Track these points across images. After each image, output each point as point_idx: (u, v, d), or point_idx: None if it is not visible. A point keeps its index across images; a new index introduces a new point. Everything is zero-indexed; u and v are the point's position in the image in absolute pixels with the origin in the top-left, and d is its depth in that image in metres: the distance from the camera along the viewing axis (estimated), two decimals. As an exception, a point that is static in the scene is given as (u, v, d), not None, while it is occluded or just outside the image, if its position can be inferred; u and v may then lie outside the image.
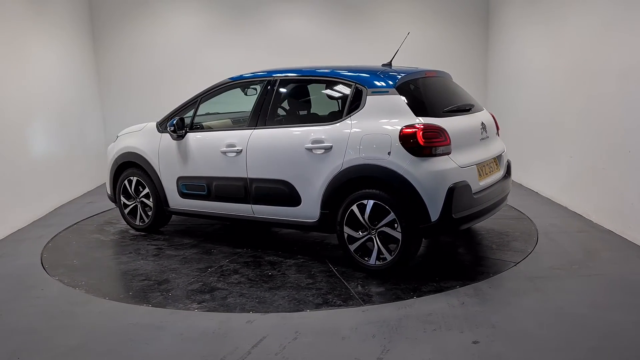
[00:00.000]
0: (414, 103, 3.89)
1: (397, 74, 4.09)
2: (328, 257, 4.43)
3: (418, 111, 3.84)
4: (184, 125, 4.81)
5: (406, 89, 3.99)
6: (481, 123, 4.27)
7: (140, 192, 5.23)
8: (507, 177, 4.51)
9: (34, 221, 5.86)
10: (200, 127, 4.92)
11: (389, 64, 4.51)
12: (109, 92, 8.28)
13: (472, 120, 4.22)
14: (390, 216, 3.81)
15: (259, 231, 5.31)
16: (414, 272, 4.02)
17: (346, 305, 3.49)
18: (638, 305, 3.36)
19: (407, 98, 3.91)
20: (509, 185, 4.56)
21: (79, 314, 3.52)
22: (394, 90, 3.94)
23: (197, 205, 4.85)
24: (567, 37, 5.63)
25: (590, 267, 4.01)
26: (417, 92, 4.09)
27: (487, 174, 4.15)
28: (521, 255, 4.30)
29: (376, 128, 3.86)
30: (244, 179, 4.46)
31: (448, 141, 3.77)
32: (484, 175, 4.09)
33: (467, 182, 3.81)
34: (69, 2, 7.33)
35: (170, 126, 4.79)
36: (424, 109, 3.90)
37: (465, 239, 4.82)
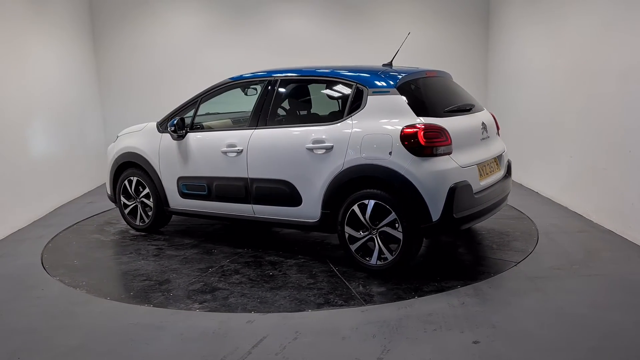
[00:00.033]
0: (414, 103, 3.90)
1: (398, 74, 4.10)
2: (329, 257, 4.43)
3: (419, 111, 3.85)
4: (185, 125, 4.81)
5: (407, 89, 3.99)
6: (482, 123, 4.28)
7: (141, 192, 5.23)
8: (507, 177, 4.52)
9: (34, 221, 5.86)
10: (201, 127, 4.92)
11: (389, 63, 4.51)
12: (109, 92, 8.28)
13: (473, 120, 4.22)
14: (392, 216, 3.81)
15: (260, 231, 5.31)
16: (415, 271, 4.02)
17: (348, 305, 3.49)
18: (638, 305, 3.36)
19: (408, 98, 3.91)
20: (509, 185, 4.56)
21: (79, 314, 3.52)
22: (394, 90, 3.94)
23: (197, 205, 4.85)
24: (568, 37, 5.63)
25: (591, 267, 4.01)
26: (418, 92, 4.09)
27: (488, 173, 4.15)
28: (521, 255, 4.30)
29: (377, 128, 3.86)
30: (244, 179, 4.46)
31: (449, 141, 3.78)
32: (485, 175, 4.09)
33: (468, 182, 3.81)
34: (69, 2, 7.32)
35: (171, 126, 4.79)
36: (424, 109, 3.90)
37: (465, 238, 4.81)
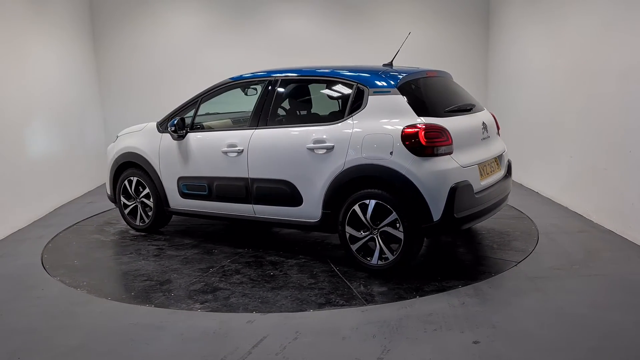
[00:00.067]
0: (415, 103, 3.90)
1: (399, 73, 4.10)
2: (329, 257, 4.43)
3: (420, 111, 3.85)
4: (185, 126, 4.80)
5: (408, 89, 3.99)
6: (482, 123, 4.28)
7: (140, 192, 5.23)
8: (507, 177, 4.52)
9: (34, 221, 5.86)
10: (201, 127, 4.92)
11: (390, 63, 4.51)
12: (109, 92, 8.28)
13: (474, 120, 4.22)
14: (393, 216, 3.81)
15: (260, 231, 5.31)
16: (416, 271, 4.02)
17: (349, 305, 3.49)
18: (638, 305, 3.36)
19: (408, 98, 3.91)
20: (509, 185, 4.56)
21: (79, 314, 3.52)
22: (395, 90, 3.94)
23: (197, 206, 4.85)
24: (568, 37, 5.63)
25: (591, 267, 4.01)
26: (419, 92, 4.09)
27: (489, 173, 4.16)
28: (522, 255, 4.30)
29: (378, 128, 3.86)
30: (245, 179, 4.46)
31: (450, 141, 3.78)
32: (485, 175, 4.09)
33: (469, 182, 3.81)
34: (69, 2, 7.32)
35: (171, 126, 4.79)
36: (425, 108, 3.90)
37: (466, 238, 4.81)
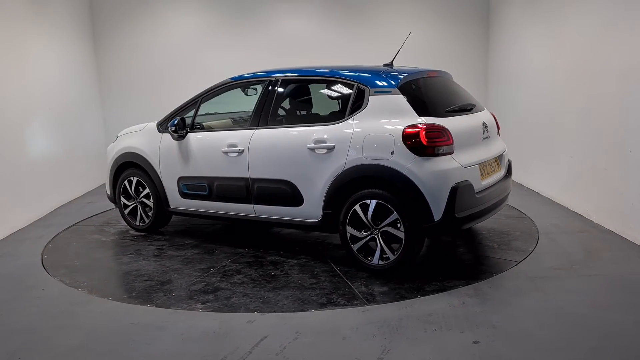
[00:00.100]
0: (416, 103, 3.90)
1: (399, 73, 4.10)
2: (330, 256, 4.43)
3: (420, 111, 3.85)
4: (185, 126, 4.80)
5: (408, 89, 3.99)
6: (483, 123, 4.28)
7: (140, 192, 5.23)
8: (508, 177, 4.52)
9: (34, 221, 5.86)
10: (201, 127, 4.92)
11: (390, 63, 4.51)
12: (110, 92, 8.28)
13: (474, 120, 4.22)
14: (393, 216, 3.81)
15: (260, 231, 5.31)
16: (417, 271, 4.02)
17: (351, 305, 3.49)
18: (638, 305, 3.36)
19: (409, 98, 3.91)
20: (509, 184, 4.56)
21: (79, 314, 3.52)
22: (396, 90, 3.94)
23: (198, 206, 4.84)
24: (568, 37, 5.63)
25: (591, 267, 4.01)
26: (419, 92, 4.09)
27: (489, 173, 4.16)
28: (522, 255, 4.30)
29: (379, 128, 3.86)
30: (245, 179, 4.46)
31: (451, 141, 3.78)
32: (486, 175, 4.09)
33: (469, 182, 3.82)
34: (69, 2, 7.32)
35: (171, 126, 4.79)
36: (426, 108, 3.90)
37: (466, 238, 4.81)
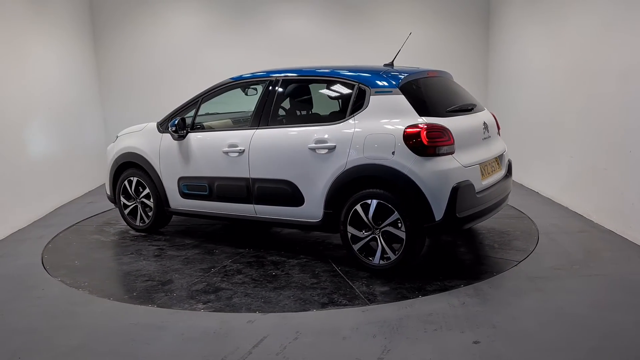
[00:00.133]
0: (417, 103, 3.90)
1: (400, 73, 4.10)
2: (331, 256, 4.43)
3: (421, 111, 3.85)
4: (186, 126, 4.80)
5: (409, 88, 3.99)
6: (483, 123, 4.28)
7: (141, 192, 5.23)
8: (508, 177, 4.52)
9: (34, 221, 5.86)
10: (201, 127, 4.92)
11: (391, 64, 4.51)
12: (110, 92, 8.28)
13: (475, 120, 4.23)
14: (394, 215, 3.81)
15: (260, 231, 5.31)
16: (418, 271, 4.02)
17: (352, 305, 3.49)
18: (638, 305, 3.36)
19: (410, 98, 3.91)
20: (510, 184, 4.56)
21: (80, 314, 3.52)
22: (397, 90, 3.94)
23: (198, 206, 4.84)
24: (568, 37, 5.64)
25: (591, 267, 4.01)
26: (420, 92, 4.08)
27: (490, 173, 4.16)
28: (523, 254, 4.31)
29: (380, 128, 3.86)
30: (246, 179, 4.46)
31: (451, 141, 3.78)
32: (487, 175, 4.10)
33: (470, 182, 3.82)
34: (69, 2, 7.32)
35: (172, 126, 4.79)
36: (427, 108, 3.91)
37: (466, 238, 4.82)
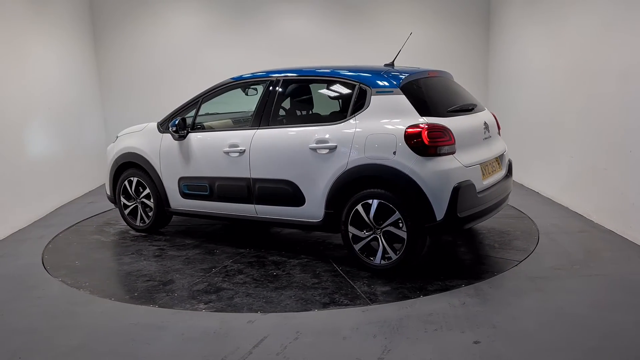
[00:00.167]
0: (418, 103, 3.90)
1: (401, 73, 4.10)
2: (331, 256, 4.43)
3: (422, 111, 3.85)
4: (186, 126, 4.80)
5: (410, 88, 3.99)
6: (484, 123, 4.28)
7: (141, 192, 5.22)
8: (508, 177, 4.52)
9: (34, 221, 5.86)
10: (202, 128, 4.92)
11: (391, 64, 4.51)
12: (110, 92, 8.28)
13: (475, 120, 4.23)
14: (396, 215, 3.82)
15: (261, 231, 5.31)
16: (419, 271, 4.02)
17: (354, 305, 3.49)
18: (638, 305, 3.36)
19: (411, 98, 3.91)
20: (510, 184, 4.56)
21: (80, 314, 3.52)
22: (398, 90, 3.94)
23: (199, 206, 4.84)
24: (568, 37, 5.64)
25: (591, 267, 4.01)
26: (421, 92, 4.08)
27: (490, 173, 4.16)
28: (523, 254, 4.31)
29: (381, 128, 3.87)
30: (247, 179, 4.46)
31: (452, 141, 3.78)
32: (487, 175, 4.10)
33: (471, 182, 3.82)
34: (69, 2, 7.32)
35: (172, 126, 4.79)
36: (427, 108, 3.91)
37: (466, 238, 4.82)
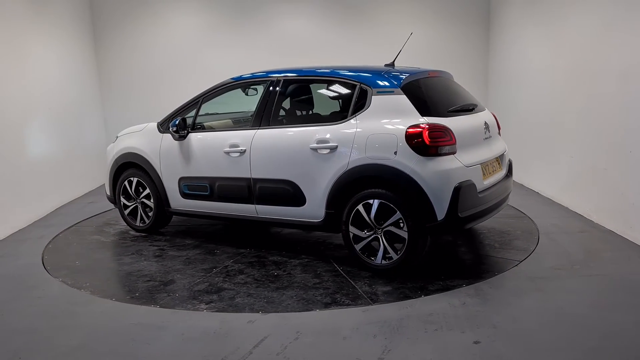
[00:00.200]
0: (418, 103, 3.90)
1: (401, 74, 4.10)
2: (332, 256, 4.43)
3: (423, 111, 3.85)
4: (186, 126, 4.80)
5: (411, 88, 3.99)
6: (484, 123, 4.29)
7: (141, 192, 5.22)
8: (509, 177, 4.52)
9: (34, 221, 5.86)
10: (202, 128, 4.92)
11: (391, 64, 4.51)
12: (110, 92, 8.29)
13: (476, 120, 4.23)
14: (397, 215, 3.82)
15: (261, 231, 5.31)
16: (420, 271, 4.02)
17: (355, 305, 3.50)
18: (638, 305, 3.36)
19: (412, 98, 3.91)
20: (510, 184, 4.57)
21: (80, 314, 3.52)
22: (399, 90, 3.94)
23: (199, 206, 4.84)
24: (568, 37, 5.64)
25: (591, 267, 4.01)
26: (421, 92, 4.08)
27: (491, 173, 4.17)
28: (524, 254, 4.31)
29: (382, 128, 3.87)
30: (247, 179, 4.46)
31: (453, 141, 3.78)
32: (488, 175, 4.10)
33: (472, 182, 3.82)
34: (69, 2, 7.32)
35: (173, 126, 4.78)
36: (428, 108, 3.91)
37: (467, 238, 4.82)
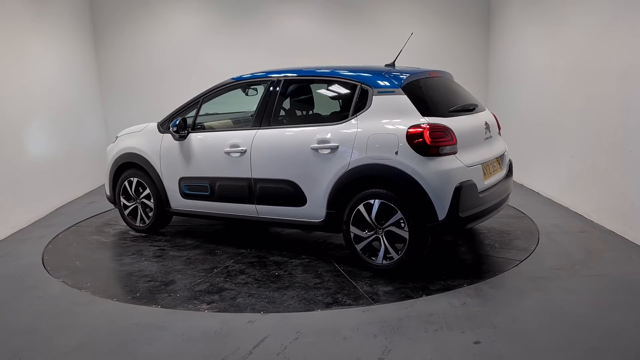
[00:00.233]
0: (419, 103, 3.90)
1: (402, 74, 4.10)
2: (333, 256, 4.43)
3: (424, 111, 3.85)
4: (187, 126, 4.80)
5: (411, 89, 3.99)
6: (485, 123, 4.29)
7: (141, 193, 5.22)
8: (509, 177, 4.53)
9: (35, 221, 5.86)
10: (202, 128, 4.92)
11: (392, 64, 4.51)
12: (110, 92, 8.29)
13: (476, 120, 4.23)
14: (398, 215, 3.82)
15: (262, 231, 5.31)
16: (420, 271, 4.02)
17: (357, 305, 3.50)
18: (638, 305, 3.36)
19: (412, 98, 3.91)
20: (511, 184, 4.57)
21: (80, 314, 3.52)
22: (399, 90, 3.94)
23: (199, 206, 4.84)
24: (568, 37, 5.64)
25: (591, 267, 4.01)
26: (422, 92, 4.08)
27: (491, 173, 4.17)
28: (524, 254, 4.31)
29: (383, 128, 3.87)
30: (248, 179, 4.46)
31: (454, 141, 3.79)
32: (488, 175, 4.10)
33: (473, 182, 3.82)
34: (69, 2, 7.32)
35: (173, 126, 4.78)
36: (429, 108, 3.91)
37: (467, 238, 4.82)
